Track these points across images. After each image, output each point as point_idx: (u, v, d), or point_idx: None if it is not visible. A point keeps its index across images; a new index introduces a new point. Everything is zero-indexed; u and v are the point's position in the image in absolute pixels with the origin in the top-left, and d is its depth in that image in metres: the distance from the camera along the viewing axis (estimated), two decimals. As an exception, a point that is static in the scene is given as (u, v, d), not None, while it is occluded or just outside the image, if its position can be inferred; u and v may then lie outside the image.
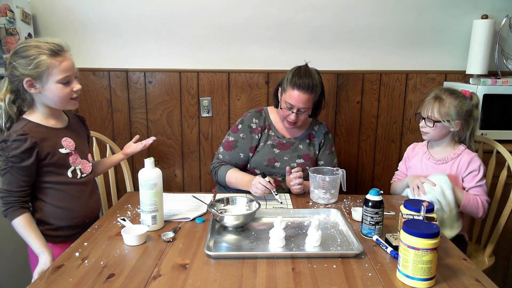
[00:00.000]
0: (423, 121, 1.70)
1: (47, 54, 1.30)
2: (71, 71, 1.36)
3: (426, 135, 1.72)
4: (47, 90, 1.34)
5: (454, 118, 1.64)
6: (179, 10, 2.31)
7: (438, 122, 1.65)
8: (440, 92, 1.69)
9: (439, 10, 2.33)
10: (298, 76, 1.74)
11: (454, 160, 1.69)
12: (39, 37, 1.36)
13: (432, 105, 1.66)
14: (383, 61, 2.41)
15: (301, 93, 1.72)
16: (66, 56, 1.36)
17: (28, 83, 1.32)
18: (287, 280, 1.08)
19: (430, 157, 1.76)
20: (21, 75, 1.31)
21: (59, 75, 1.32)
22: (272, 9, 2.31)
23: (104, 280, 1.07)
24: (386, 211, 1.47)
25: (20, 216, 1.33)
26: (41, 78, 1.32)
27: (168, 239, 1.30)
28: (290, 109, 1.76)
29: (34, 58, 1.29)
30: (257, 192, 1.61)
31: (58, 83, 1.33)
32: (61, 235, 1.42)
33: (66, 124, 1.48)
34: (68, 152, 1.43)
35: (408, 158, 1.86)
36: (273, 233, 1.27)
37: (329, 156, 1.92)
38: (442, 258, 1.20)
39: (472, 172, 1.66)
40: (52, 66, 1.31)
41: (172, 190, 2.52)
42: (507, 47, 2.35)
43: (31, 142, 1.31)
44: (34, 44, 1.32)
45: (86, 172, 1.50)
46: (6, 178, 1.33)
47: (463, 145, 1.72)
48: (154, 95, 2.42)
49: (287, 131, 1.90)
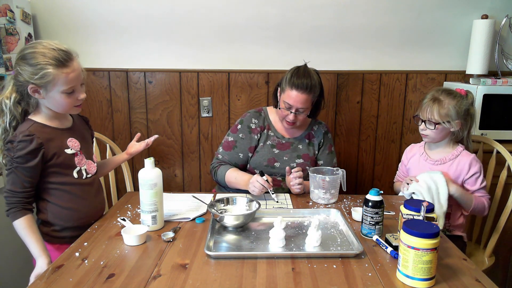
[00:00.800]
0: (423, 124, 1.69)
1: (53, 65, 1.27)
2: (76, 81, 1.35)
3: (426, 137, 1.71)
4: (50, 97, 1.33)
5: (454, 118, 1.64)
6: (179, 10, 2.31)
7: (438, 124, 1.65)
8: (437, 93, 1.67)
9: (439, 10, 2.33)
10: (296, 76, 1.74)
11: (452, 161, 1.69)
12: (48, 40, 1.33)
13: (431, 107, 1.65)
14: (383, 61, 2.41)
15: (300, 93, 1.72)
16: (73, 66, 1.33)
17: (32, 89, 1.31)
18: (287, 280, 1.08)
19: (427, 158, 1.75)
20: (26, 82, 1.30)
21: (64, 86, 1.31)
22: (272, 9, 2.31)
23: (104, 280, 1.07)
24: (386, 211, 1.47)
25: (22, 217, 1.32)
26: (46, 87, 1.30)
27: (168, 239, 1.30)
28: (288, 109, 1.76)
29: (41, 69, 1.27)
30: (254, 190, 1.62)
31: (62, 93, 1.32)
32: (67, 236, 1.42)
33: (71, 124, 1.48)
34: (74, 153, 1.43)
35: (406, 159, 1.86)
36: (273, 233, 1.27)
37: (328, 155, 1.92)
38: (442, 258, 1.20)
39: (474, 175, 1.66)
40: (58, 78, 1.29)
41: (172, 190, 2.52)
42: (507, 47, 2.35)
43: (37, 143, 1.31)
44: (41, 51, 1.28)
45: (92, 172, 1.50)
46: (11, 178, 1.33)
47: (461, 146, 1.71)
48: (154, 95, 2.42)
49: (287, 131, 1.90)
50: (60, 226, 1.42)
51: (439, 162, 1.71)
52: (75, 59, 1.35)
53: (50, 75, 1.28)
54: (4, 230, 1.95)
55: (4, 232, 1.95)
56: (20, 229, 1.33)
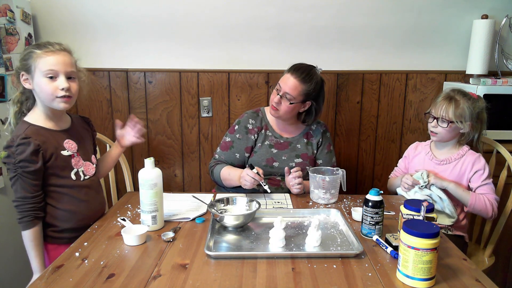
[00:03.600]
0: (435, 121, 1.68)
1: (35, 47, 1.35)
2: (58, 67, 1.35)
3: (436, 135, 1.71)
4: (36, 84, 1.35)
5: (467, 119, 1.65)
6: (179, 10, 2.31)
7: (452, 123, 1.65)
8: (453, 93, 1.68)
9: (439, 10, 2.33)
10: (299, 66, 1.78)
11: (457, 160, 1.69)
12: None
13: (446, 106, 1.65)
14: (383, 61, 2.41)
15: (292, 78, 1.74)
16: (56, 52, 1.36)
17: (23, 78, 1.36)
18: (287, 280, 1.08)
19: (433, 157, 1.75)
20: (17, 68, 1.37)
21: (44, 67, 1.33)
22: (272, 9, 2.31)
23: (104, 280, 1.07)
24: (386, 211, 1.47)
25: (31, 229, 1.34)
26: (30, 71, 1.34)
27: (168, 239, 1.30)
28: (278, 90, 1.77)
29: (25, 51, 1.37)
30: (246, 184, 1.63)
31: (44, 77, 1.34)
32: (66, 236, 1.42)
33: (69, 126, 1.48)
34: (70, 154, 1.43)
35: (410, 157, 1.86)
36: (273, 233, 1.27)
37: (327, 155, 1.92)
38: (442, 258, 1.20)
39: (478, 171, 1.66)
40: (39, 58, 1.33)
41: (172, 190, 2.52)
42: (507, 47, 2.35)
43: (35, 145, 1.32)
44: (35, 43, 1.38)
45: (89, 174, 1.50)
46: (18, 185, 1.32)
47: (467, 146, 1.72)
48: (154, 95, 2.42)
49: (285, 130, 1.90)
50: (59, 227, 1.42)
51: (444, 162, 1.72)
52: (62, 51, 1.38)
53: (31, 56, 1.34)
54: (4, 231, 1.95)
55: (4, 232, 1.95)
56: (27, 240, 1.34)
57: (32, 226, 1.34)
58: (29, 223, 1.33)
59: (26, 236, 1.34)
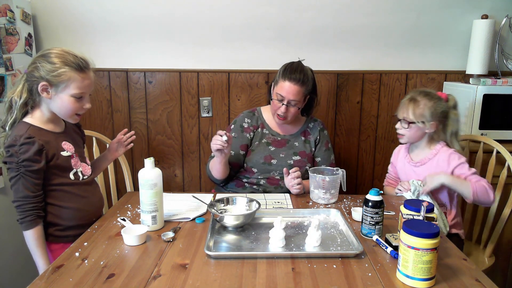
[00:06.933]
0: (399, 123, 1.71)
1: (71, 67, 1.34)
2: (87, 89, 1.40)
3: (402, 137, 1.73)
4: (58, 99, 1.36)
5: (429, 120, 1.65)
6: (179, 10, 2.31)
7: (412, 123, 1.66)
8: (415, 94, 1.70)
9: (439, 10, 2.33)
10: (290, 69, 1.78)
11: (431, 160, 1.70)
12: (68, 48, 1.41)
13: (406, 107, 1.68)
14: (383, 61, 2.41)
15: (292, 84, 1.74)
16: (89, 74, 1.39)
17: (43, 87, 1.34)
18: (287, 280, 1.08)
19: (410, 160, 1.77)
20: (40, 78, 1.33)
21: (75, 90, 1.36)
22: (272, 9, 2.31)
23: (104, 280, 1.07)
24: (386, 211, 1.47)
25: (34, 228, 1.34)
26: (57, 87, 1.34)
27: (168, 239, 1.30)
28: (280, 101, 1.77)
29: (59, 67, 1.33)
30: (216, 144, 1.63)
31: (72, 96, 1.36)
32: (70, 234, 1.42)
33: (63, 129, 1.49)
34: (70, 155, 1.44)
35: (395, 162, 1.88)
36: (273, 233, 1.27)
37: (325, 152, 1.92)
38: (442, 258, 1.20)
39: (458, 165, 1.63)
40: (72, 80, 1.34)
41: (172, 190, 2.52)
42: (507, 47, 2.35)
43: (39, 145, 1.33)
44: (63, 53, 1.35)
45: (87, 174, 1.52)
46: (20, 185, 1.32)
47: (440, 144, 1.70)
48: (154, 95, 2.42)
49: (281, 128, 1.91)
50: (63, 225, 1.43)
51: (419, 163, 1.73)
52: (91, 70, 1.41)
53: (66, 76, 1.33)
54: (4, 230, 1.95)
55: (4, 232, 1.95)
56: (30, 240, 1.35)
57: (35, 225, 1.34)
58: (31, 222, 1.33)
59: (29, 236, 1.34)
